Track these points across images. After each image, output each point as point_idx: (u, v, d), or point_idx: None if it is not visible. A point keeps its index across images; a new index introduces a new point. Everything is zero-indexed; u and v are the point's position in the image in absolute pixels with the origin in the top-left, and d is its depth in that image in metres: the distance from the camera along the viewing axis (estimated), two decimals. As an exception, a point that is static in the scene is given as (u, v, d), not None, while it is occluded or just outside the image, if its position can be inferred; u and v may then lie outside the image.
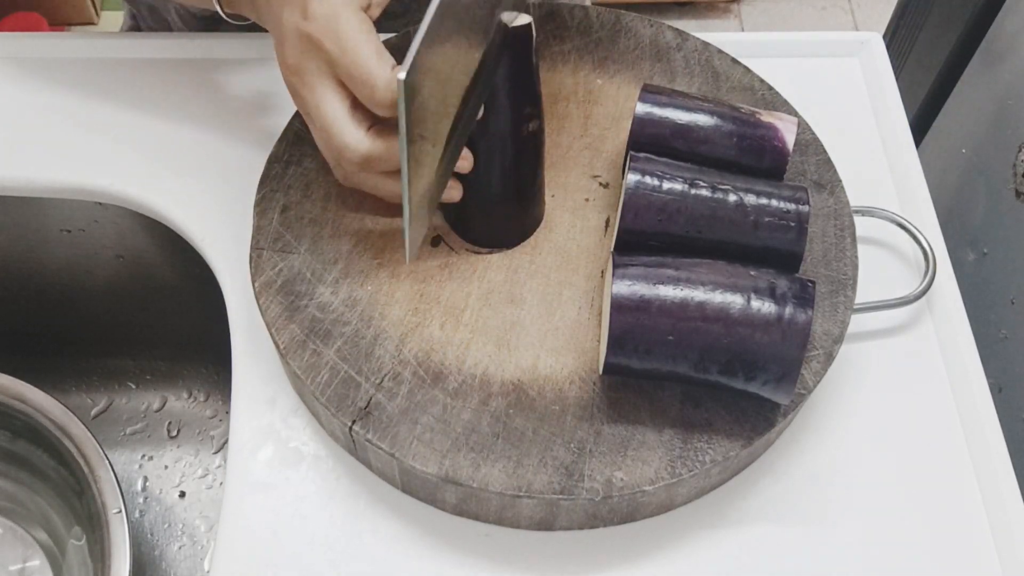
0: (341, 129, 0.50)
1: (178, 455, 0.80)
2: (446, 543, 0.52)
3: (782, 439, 0.56)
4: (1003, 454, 0.56)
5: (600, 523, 0.53)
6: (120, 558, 0.60)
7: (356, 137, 0.50)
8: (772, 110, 0.62)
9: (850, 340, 0.59)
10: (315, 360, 0.52)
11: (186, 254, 0.63)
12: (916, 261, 0.63)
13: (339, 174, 0.54)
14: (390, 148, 0.51)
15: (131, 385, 0.83)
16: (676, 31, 0.66)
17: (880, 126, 0.69)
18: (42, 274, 0.76)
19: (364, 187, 0.54)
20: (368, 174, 0.52)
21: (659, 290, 0.49)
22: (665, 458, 0.50)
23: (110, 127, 0.67)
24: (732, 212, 0.52)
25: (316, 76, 0.50)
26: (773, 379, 0.49)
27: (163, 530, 0.77)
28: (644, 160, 0.53)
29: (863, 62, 0.72)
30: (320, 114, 0.51)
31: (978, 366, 0.59)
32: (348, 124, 0.50)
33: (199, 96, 0.68)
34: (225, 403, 0.82)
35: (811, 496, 0.54)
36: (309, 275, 0.55)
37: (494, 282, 0.56)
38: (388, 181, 0.53)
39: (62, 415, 0.65)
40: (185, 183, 0.64)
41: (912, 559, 0.53)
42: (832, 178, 0.60)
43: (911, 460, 0.56)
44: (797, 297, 0.48)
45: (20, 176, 0.66)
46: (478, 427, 0.51)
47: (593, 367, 0.53)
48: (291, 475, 0.54)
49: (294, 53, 0.51)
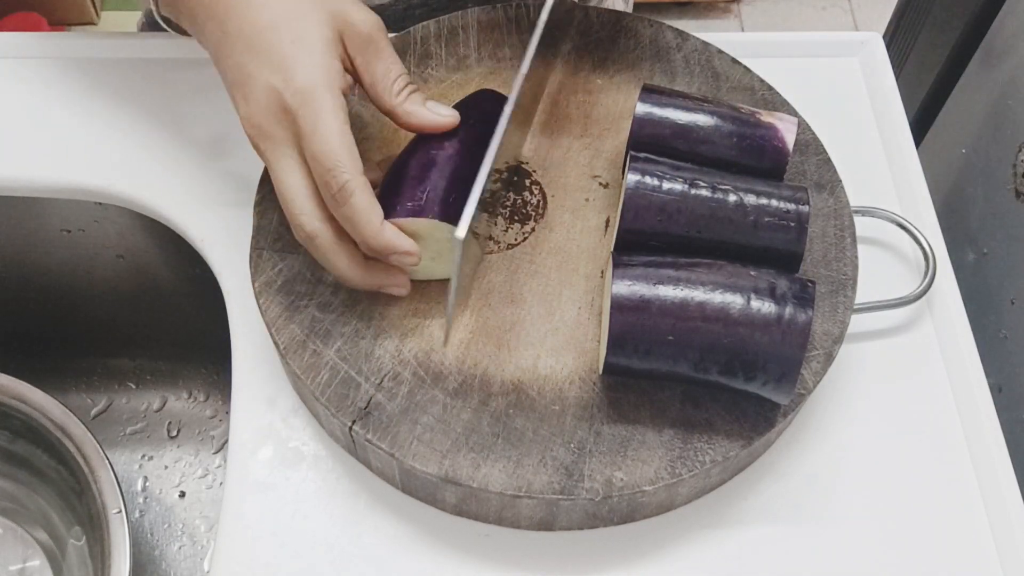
0: (297, 206, 0.50)
1: (178, 455, 0.80)
2: (446, 543, 0.52)
3: (782, 439, 0.56)
4: (1003, 454, 0.56)
5: (600, 523, 0.53)
6: (120, 558, 0.60)
7: (308, 217, 0.50)
8: (772, 110, 0.62)
9: (850, 340, 0.59)
10: (315, 360, 0.52)
11: (186, 254, 0.63)
12: (916, 261, 0.63)
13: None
14: (336, 235, 0.50)
15: (131, 385, 0.83)
16: (676, 31, 0.66)
17: (880, 126, 0.69)
18: (42, 274, 0.76)
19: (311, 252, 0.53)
20: (313, 247, 0.51)
21: (659, 290, 0.49)
22: (665, 458, 0.50)
23: (110, 127, 0.67)
24: (732, 212, 0.52)
25: (282, 145, 0.50)
26: (773, 379, 0.49)
27: (163, 530, 0.77)
28: (644, 160, 0.53)
29: (863, 62, 0.72)
30: (279, 183, 0.50)
31: (978, 366, 0.59)
32: (305, 202, 0.50)
33: (199, 96, 0.68)
34: (225, 403, 0.82)
35: (811, 496, 0.54)
36: (309, 275, 0.55)
37: (494, 282, 0.56)
38: (333, 256, 0.51)
39: (62, 415, 0.65)
40: (185, 183, 0.64)
41: (912, 559, 0.53)
42: (832, 178, 0.60)
43: (911, 460, 0.56)
44: (797, 297, 0.48)
45: (20, 176, 0.66)
46: (478, 427, 0.51)
47: (593, 367, 0.53)
48: (291, 475, 0.54)
49: (263, 115, 0.50)
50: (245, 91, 0.50)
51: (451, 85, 0.64)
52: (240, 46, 0.51)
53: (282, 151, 0.50)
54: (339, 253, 0.51)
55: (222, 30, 0.51)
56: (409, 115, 0.53)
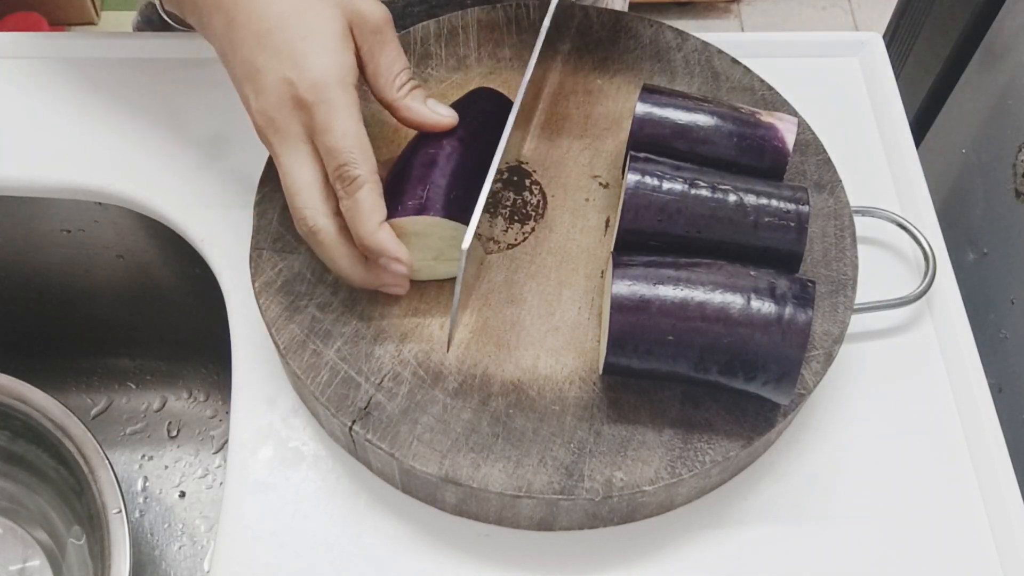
0: (303, 200, 0.50)
1: (178, 455, 0.80)
2: (446, 543, 0.52)
3: (782, 439, 0.56)
4: (1003, 454, 0.56)
5: (600, 523, 0.53)
6: (120, 558, 0.60)
7: (313, 212, 0.50)
8: (772, 110, 0.62)
9: (850, 340, 0.59)
10: (315, 360, 0.52)
11: (186, 254, 0.63)
12: (916, 261, 0.63)
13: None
14: (339, 232, 0.50)
15: (131, 385, 0.83)
16: (676, 31, 0.66)
17: (880, 126, 0.69)
18: (42, 274, 0.76)
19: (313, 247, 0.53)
20: (315, 242, 0.51)
21: (659, 290, 0.49)
22: (665, 458, 0.50)
23: (110, 127, 0.67)
24: (732, 212, 0.52)
25: (294, 139, 0.50)
26: (773, 379, 0.49)
27: (163, 530, 0.77)
28: (644, 160, 0.53)
29: (863, 62, 0.72)
30: (287, 177, 0.50)
31: (978, 366, 0.59)
32: (311, 196, 0.50)
33: (199, 96, 0.68)
34: (225, 403, 0.82)
35: (811, 496, 0.54)
36: (309, 275, 0.55)
37: (494, 282, 0.56)
38: (334, 252, 0.51)
39: (62, 415, 0.65)
40: (185, 183, 0.64)
41: (912, 559, 0.53)
42: (832, 178, 0.60)
43: (911, 460, 0.56)
44: (797, 297, 0.48)
45: (20, 176, 0.66)
46: (478, 427, 0.51)
47: (593, 367, 0.53)
48: (291, 475, 0.54)
49: (276, 108, 0.49)
50: (257, 84, 0.50)
51: (451, 85, 0.64)
52: (249, 40, 0.50)
53: (294, 145, 0.50)
54: (340, 250, 0.51)
55: (229, 23, 0.51)
56: (409, 110, 0.53)
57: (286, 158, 0.50)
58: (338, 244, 0.50)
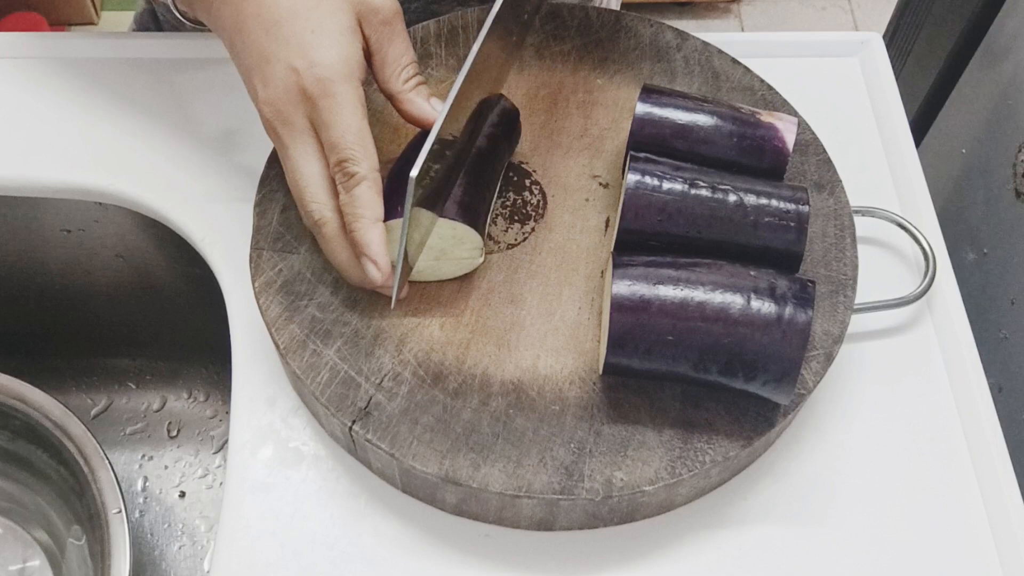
0: (310, 193, 0.50)
1: (178, 455, 0.80)
2: (446, 543, 0.52)
3: (782, 439, 0.56)
4: (1003, 454, 0.56)
5: (600, 523, 0.53)
6: (120, 558, 0.60)
7: (318, 205, 0.50)
8: (772, 110, 0.62)
9: (850, 340, 0.59)
10: (315, 360, 0.52)
11: (186, 254, 0.63)
12: (916, 261, 0.63)
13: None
14: (342, 227, 0.51)
15: (131, 385, 0.83)
16: (676, 31, 0.66)
17: (880, 126, 0.69)
18: (42, 274, 0.76)
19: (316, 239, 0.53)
20: (319, 234, 0.52)
21: (659, 290, 0.49)
22: (665, 458, 0.50)
23: (110, 127, 0.67)
24: (732, 212, 0.52)
25: (300, 132, 0.50)
26: (773, 379, 0.49)
27: (163, 530, 0.77)
28: (644, 160, 0.53)
29: (863, 62, 0.72)
30: (293, 169, 0.50)
31: (978, 366, 0.59)
32: (317, 189, 0.50)
33: (199, 96, 0.68)
34: (225, 403, 0.82)
35: (811, 496, 0.54)
36: (309, 275, 0.55)
37: (494, 282, 0.56)
38: (336, 246, 0.51)
39: (62, 415, 0.65)
40: (185, 183, 0.64)
41: (912, 559, 0.53)
42: (832, 178, 0.60)
43: (911, 460, 0.56)
44: (797, 297, 0.48)
45: (20, 176, 0.66)
46: (478, 427, 0.51)
47: (593, 367, 0.53)
48: (291, 475, 0.54)
49: (283, 98, 0.49)
50: (265, 74, 0.50)
51: (451, 85, 0.63)
52: (258, 31, 0.51)
53: (301, 138, 0.50)
54: (343, 244, 0.51)
55: (238, 15, 0.51)
56: (412, 104, 0.53)
57: (292, 150, 0.50)
58: (341, 238, 0.51)
